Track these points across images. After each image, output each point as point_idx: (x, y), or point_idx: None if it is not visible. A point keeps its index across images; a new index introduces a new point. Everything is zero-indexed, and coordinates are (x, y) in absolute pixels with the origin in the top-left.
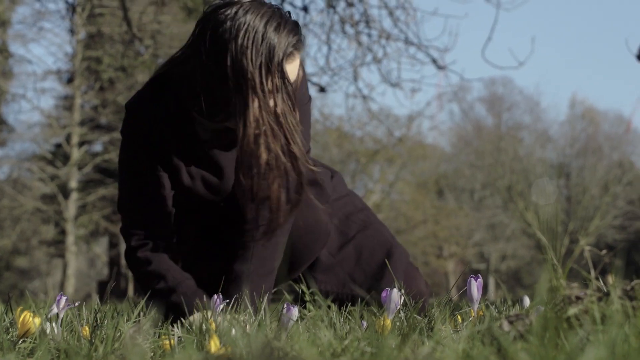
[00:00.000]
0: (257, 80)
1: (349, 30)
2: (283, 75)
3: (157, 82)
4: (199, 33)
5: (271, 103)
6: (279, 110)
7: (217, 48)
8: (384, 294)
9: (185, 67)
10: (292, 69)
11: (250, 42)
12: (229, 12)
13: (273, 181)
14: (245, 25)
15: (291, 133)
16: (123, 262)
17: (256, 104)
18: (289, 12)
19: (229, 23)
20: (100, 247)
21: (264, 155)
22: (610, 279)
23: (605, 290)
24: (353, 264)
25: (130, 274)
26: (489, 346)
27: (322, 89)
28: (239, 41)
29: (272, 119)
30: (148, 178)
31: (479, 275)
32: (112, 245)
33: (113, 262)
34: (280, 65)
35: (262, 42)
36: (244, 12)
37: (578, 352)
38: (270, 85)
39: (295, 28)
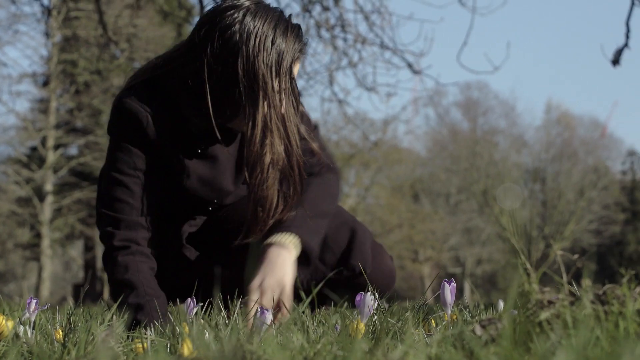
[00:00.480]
0: (269, 82)
1: (325, 34)
2: (291, 78)
3: (149, 82)
4: (205, 35)
5: (278, 105)
6: (284, 111)
7: (227, 51)
8: (357, 298)
9: (185, 69)
10: (296, 72)
11: (262, 46)
12: (236, 15)
13: (273, 182)
14: (256, 30)
15: (294, 134)
16: (99, 265)
17: (265, 105)
18: (291, 15)
19: (237, 26)
20: (76, 251)
21: (268, 156)
22: (585, 283)
23: (578, 295)
24: (321, 247)
25: (105, 277)
26: (460, 350)
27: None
28: (251, 45)
29: (279, 120)
30: (139, 178)
31: (453, 279)
32: (88, 248)
33: (88, 265)
34: (289, 69)
35: (272, 46)
36: (252, 16)
37: (549, 355)
38: (279, 87)
39: (299, 32)
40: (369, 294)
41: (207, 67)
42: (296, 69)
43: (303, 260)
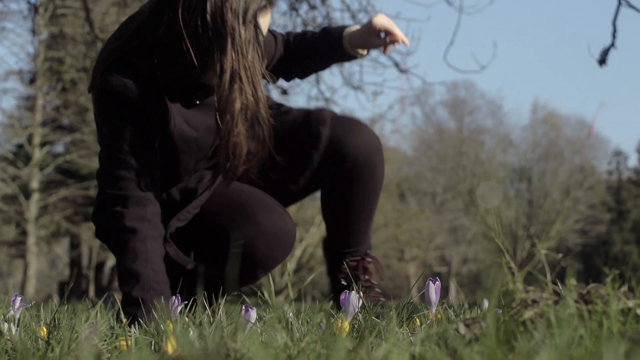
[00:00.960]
0: (236, 29)
1: None
2: (256, 27)
3: (124, 58)
4: None
5: (245, 52)
6: (250, 58)
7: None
8: (342, 296)
9: (156, 30)
10: (264, 23)
11: None
12: None
13: (242, 128)
14: None
15: (259, 82)
16: (84, 262)
17: (233, 52)
18: None
19: None
20: (62, 248)
21: (237, 101)
22: (570, 282)
23: (562, 294)
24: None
25: (91, 274)
26: (444, 349)
27: (284, 92)
28: None
29: (247, 67)
30: (139, 155)
31: (437, 278)
32: (74, 246)
33: (74, 263)
34: (255, 17)
35: None
36: None
37: (532, 354)
38: (245, 35)
39: None
40: (353, 292)
41: (182, 17)
42: (265, 20)
43: None
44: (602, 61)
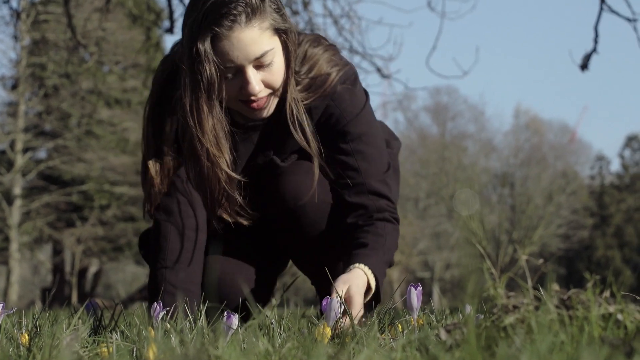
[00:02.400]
0: (191, 68)
1: None
2: (210, 61)
3: None
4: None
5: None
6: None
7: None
8: (324, 303)
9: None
10: (228, 48)
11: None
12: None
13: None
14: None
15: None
16: (67, 268)
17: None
18: None
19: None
20: (44, 254)
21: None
22: (552, 287)
23: (543, 299)
24: None
25: (74, 280)
26: (425, 355)
27: None
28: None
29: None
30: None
31: (419, 283)
32: (56, 252)
33: (57, 269)
34: (204, 51)
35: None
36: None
37: (510, 359)
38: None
39: (216, 7)
40: (335, 299)
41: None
42: (228, 44)
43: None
44: (584, 66)
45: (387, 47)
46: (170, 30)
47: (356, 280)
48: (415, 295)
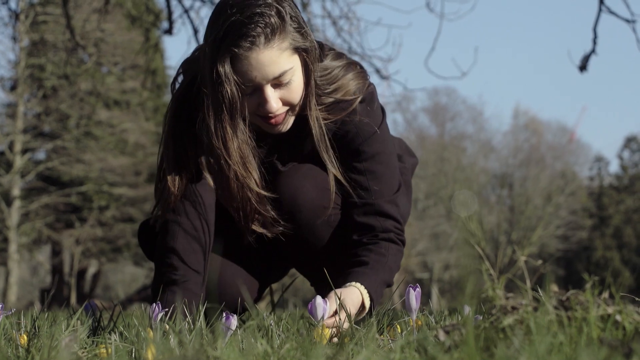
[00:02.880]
0: (213, 89)
1: None
2: (227, 80)
3: None
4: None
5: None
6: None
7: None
8: (310, 306)
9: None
10: (247, 68)
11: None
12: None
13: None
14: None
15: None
16: (66, 269)
17: (208, 111)
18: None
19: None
20: (43, 255)
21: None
22: (551, 289)
23: (542, 300)
24: None
25: (72, 281)
26: (423, 356)
27: None
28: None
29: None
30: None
31: (418, 284)
32: (55, 253)
33: (56, 270)
34: (225, 72)
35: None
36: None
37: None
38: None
39: (231, 28)
40: (318, 298)
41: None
42: (246, 64)
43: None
44: (582, 67)
45: (386, 48)
46: (169, 31)
47: (350, 296)
48: (414, 297)
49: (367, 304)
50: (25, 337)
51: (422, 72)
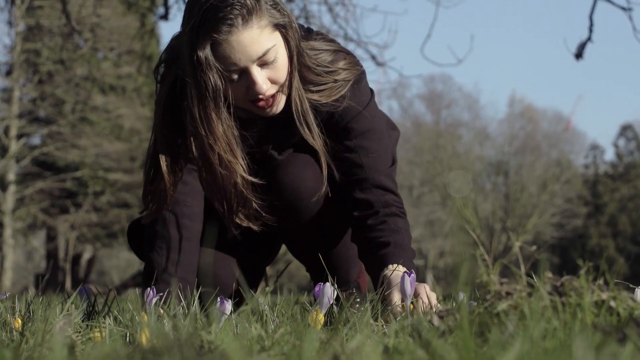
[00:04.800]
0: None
1: None
2: (207, 65)
3: None
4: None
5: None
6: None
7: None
8: (317, 289)
9: None
10: (229, 52)
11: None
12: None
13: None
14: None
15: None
16: (61, 254)
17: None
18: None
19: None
20: (38, 240)
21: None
22: (545, 274)
23: (536, 286)
24: None
25: (67, 267)
26: (418, 341)
27: None
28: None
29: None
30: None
31: (413, 270)
32: (50, 238)
33: (50, 255)
34: (204, 58)
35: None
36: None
37: (505, 345)
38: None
39: (210, 14)
40: (327, 284)
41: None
42: (228, 48)
43: None
44: (578, 55)
45: (382, 34)
46: (165, 16)
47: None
48: (409, 282)
49: None
50: (19, 321)
51: (418, 59)
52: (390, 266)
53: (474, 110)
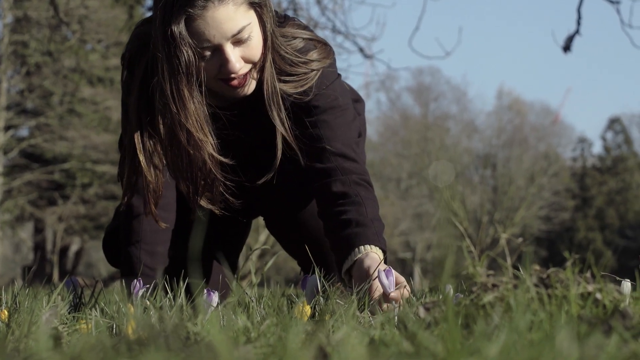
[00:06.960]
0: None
1: None
2: (179, 45)
3: None
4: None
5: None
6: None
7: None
8: (303, 280)
9: None
10: (203, 28)
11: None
12: None
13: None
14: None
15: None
16: (48, 247)
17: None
18: None
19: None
20: (26, 232)
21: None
22: (531, 266)
23: (522, 278)
24: None
25: (55, 259)
26: (403, 332)
27: None
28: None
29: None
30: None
31: (390, 268)
32: (38, 230)
33: (38, 247)
34: (179, 34)
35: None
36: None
37: (491, 337)
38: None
39: None
40: (314, 276)
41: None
42: (202, 24)
43: None
44: (566, 48)
45: (370, 27)
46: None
47: (377, 262)
48: (385, 276)
49: (382, 256)
50: (5, 313)
51: (406, 52)
52: (361, 248)
53: (462, 103)
